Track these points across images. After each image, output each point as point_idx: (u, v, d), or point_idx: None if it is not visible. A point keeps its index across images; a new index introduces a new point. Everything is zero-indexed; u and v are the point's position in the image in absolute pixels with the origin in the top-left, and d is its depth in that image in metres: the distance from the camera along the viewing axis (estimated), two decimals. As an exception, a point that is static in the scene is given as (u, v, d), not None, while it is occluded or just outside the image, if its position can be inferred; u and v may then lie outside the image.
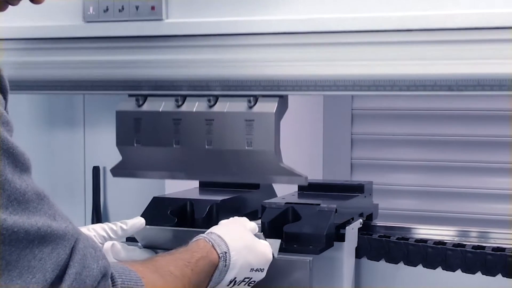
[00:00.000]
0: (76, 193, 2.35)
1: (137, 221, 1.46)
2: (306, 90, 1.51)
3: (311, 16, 1.48)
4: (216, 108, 1.59)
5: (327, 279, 1.61)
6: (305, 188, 1.85)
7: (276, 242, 1.47)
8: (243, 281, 1.35)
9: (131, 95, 1.67)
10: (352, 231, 1.68)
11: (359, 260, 1.72)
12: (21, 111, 2.32)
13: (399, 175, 3.93)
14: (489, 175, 3.81)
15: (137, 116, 1.66)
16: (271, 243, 1.45)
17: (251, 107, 1.56)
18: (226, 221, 1.46)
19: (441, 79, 1.42)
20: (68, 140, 2.35)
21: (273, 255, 1.44)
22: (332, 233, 1.59)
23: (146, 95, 1.66)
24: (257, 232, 1.46)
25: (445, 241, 1.68)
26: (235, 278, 1.33)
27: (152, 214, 1.69)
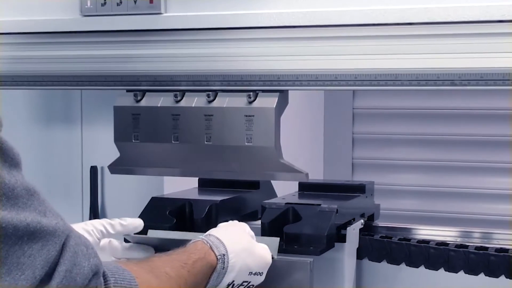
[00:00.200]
0: (73, 193, 2.34)
1: (136, 221, 1.45)
2: (306, 85, 1.50)
3: (312, 9, 1.47)
4: (216, 103, 1.59)
5: (328, 281, 1.61)
6: (305, 188, 1.86)
7: (275, 240, 1.46)
8: (241, 284, 1.34)
9: (129, 90, 1.66)
10: (353, 231, 1.68)
11: (360, 261, 1.72)
12: (17, 108, 2.31)
13: (401, 175, 3.93)
14: (493, 175, 3.80)
15: (135, 112, 1.65)
16: (270, 241, 1.44)
17: (251, 102, 1.55)
18: (225, 223, 1.45)
19: (443, 73, 1.41)
20: (65, 138, 2.34)
21: (272, 257, 1.42)
22: (333, 234, 1.58)
23: (145, 91, 1.65)
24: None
25: (447, 242, 1.68)
26: (233, 281, 1.32)
27: (150, 214, 1.68)
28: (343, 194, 1.81)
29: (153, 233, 1.55)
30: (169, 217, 1.68)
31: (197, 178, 1.95)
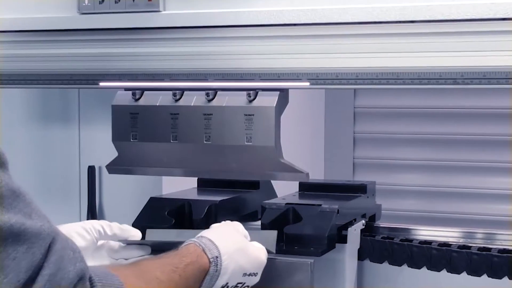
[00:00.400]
0: (71, 193, 2.34)
1: (135, 230, 1.44)
2: (307, 84, 1.49)
3: (312, 7, 1.46)
4: (215, 102, 1.58)
5: (329, 282, 1.60)
6: (306, 188, 1.86)
7: (273, 233, 1.45)
8: (235, 286, 1.33)
9: (127, 89, 1.66)
10: (354, 232, 1.67)
11: (361, 262, 1.72)
12: (14, 107, 2.31)
13: (403, 175, 3.93)
14: (496, 175, 3.79)
15: (134, 111, 1.64)
16: (268, 234, 1.44)
17: (251, 101, 1.55)
18: (217, 224, 1.44)
19: (446, 72, 1.40)
20: (63, 138, 2.35)
21: (270, 252, 1.41)
22: (334, 235, 1.58)
23: (143, 89, 1.64)
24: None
25: (450, 243, 1.68)
26: (227, 283, 1.30)
27: (149, 215, 1.68)
28: (344, 194, 1.80)
29: (150, 233, 1.53)
30: (167, 218, 1.67)
31: (196, 178, 1.95)
